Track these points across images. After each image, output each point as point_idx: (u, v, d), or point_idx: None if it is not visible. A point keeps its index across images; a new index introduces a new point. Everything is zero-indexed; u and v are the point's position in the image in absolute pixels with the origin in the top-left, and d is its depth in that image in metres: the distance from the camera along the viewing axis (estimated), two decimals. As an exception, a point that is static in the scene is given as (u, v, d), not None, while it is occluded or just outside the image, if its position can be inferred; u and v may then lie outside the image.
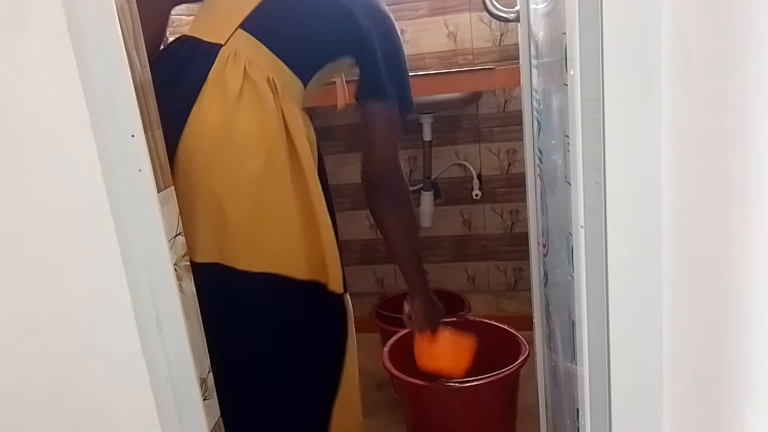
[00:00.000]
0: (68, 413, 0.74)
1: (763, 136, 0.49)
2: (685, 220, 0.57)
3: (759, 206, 0.50)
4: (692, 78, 0.53)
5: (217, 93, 1.01)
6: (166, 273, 0.71)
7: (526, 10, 1.06)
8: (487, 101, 2.07)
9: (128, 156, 0.67)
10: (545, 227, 1.02)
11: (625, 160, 0.57)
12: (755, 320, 0.52)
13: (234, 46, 1.03)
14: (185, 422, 0.75)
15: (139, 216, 0.68)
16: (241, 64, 1.02)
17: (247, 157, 1.00)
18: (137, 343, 0.69)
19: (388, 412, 1.70)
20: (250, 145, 1.00)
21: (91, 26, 0.63)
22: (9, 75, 0.64)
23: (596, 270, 0.62)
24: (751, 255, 0.51)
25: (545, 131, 0.93)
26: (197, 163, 0.98)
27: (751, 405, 0.54)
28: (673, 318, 0.59)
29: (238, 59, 1.02)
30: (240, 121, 1.00)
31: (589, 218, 0.62)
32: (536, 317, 1.21)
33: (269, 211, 1.02)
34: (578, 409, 0.71)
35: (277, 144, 1.01)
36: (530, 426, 1.45)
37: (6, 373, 0.73)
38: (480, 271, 2.25)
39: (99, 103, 0.64)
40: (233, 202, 1.00)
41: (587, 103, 0.59)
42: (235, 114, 0.99)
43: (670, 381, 0.61)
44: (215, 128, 0.99)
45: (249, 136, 1.00)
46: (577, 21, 0.57)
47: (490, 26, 1.99)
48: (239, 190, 1.00)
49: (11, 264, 0.69)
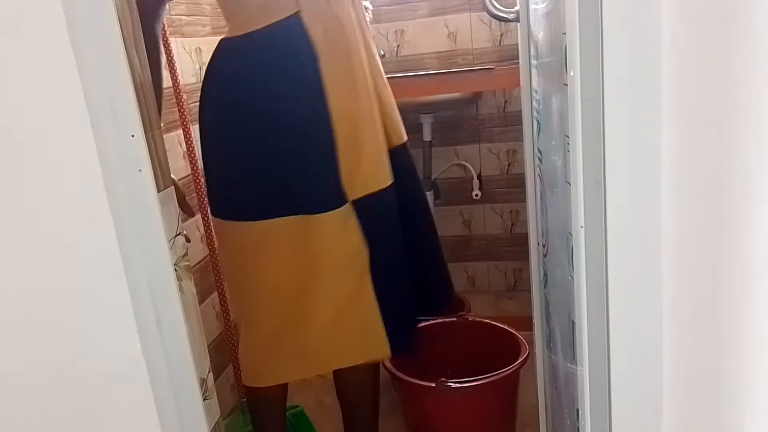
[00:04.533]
0: (68, 413, 0.74)
1: (763, 136, 0.49)
2: (685, 220, 0.57)
3: (759, 206, 0.50)
4: (692, 78, 0.53)
5: (333, 47, 1.08)
6: (166, 273, 0.71)
7: (525, 10, 1.06)
8: (487, 101, 2.07)
9: (128, 156, 0.67)
10: (545, 227, 1.02)
11: (625, 160, 0.57)
12: (755, 320, 0.52)
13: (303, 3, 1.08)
14: (185, 422, 0.75)
15: (139, 216, 0.68)
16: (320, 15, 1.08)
17: (368, 87, 1.13)
18: (137, 344, 0.69)
19: (388, 412, 1.70)
20: (364, 78, 1.13)
21: (91, 26, 0.63)
22: (9, 75, 0.63)
23: (596, 270, 0.62)
24: (752, 255, 0.51)
25: (545, 131, 0.93)
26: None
27: (751, 405, 0.54)
28: (673, 318, 0.59)
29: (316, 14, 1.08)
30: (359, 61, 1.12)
31: (589, 218, 0.62)
32: (536, 318, 1.21)
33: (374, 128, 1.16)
34: (578, 410, 0.71)
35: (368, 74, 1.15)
36: (530, 426, 1.45)
37: (6, 374, 0.73)
38: (480, 271, 2.25)
39: (99, 103, 0.64)
40: (368, 132, 1.14)
41: (587, 103, 0.59)
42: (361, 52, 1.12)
43: (670, 381, 0.61)
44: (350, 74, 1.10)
45: (365, 71, 1.13)
46: (577, 21, 0.57)
47: (490, 26, 1.99)
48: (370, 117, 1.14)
49: (11, 264, 0.69)
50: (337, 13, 1.10)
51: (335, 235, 1.12)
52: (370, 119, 1.13)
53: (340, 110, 1.09)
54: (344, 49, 1.10)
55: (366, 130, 1.13)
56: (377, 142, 1.15)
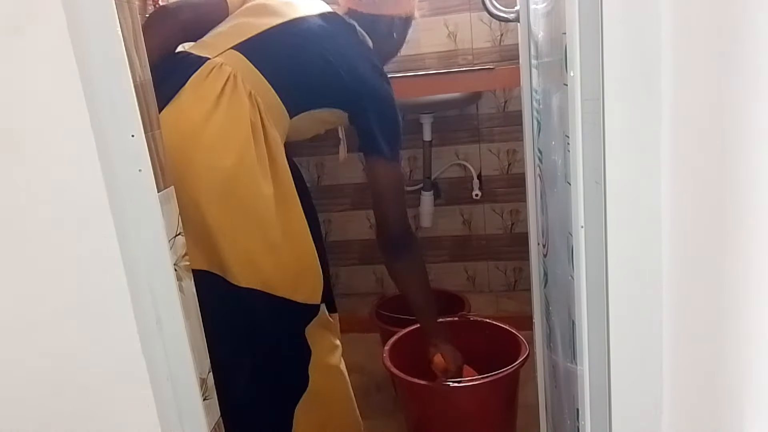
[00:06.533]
0: (68, 413, 0.74)
1: (763, 135, 0.49)
2: (685, 220, 0.57)
3: (759, 206, 0.50)
4: (692, 78, 0.53)
5: (195, 95, 1.01)
6: (166, 273, 0.71)
7: (526, 10, 1.06)
8: (487, 101, 2.07)
9: (128, 156, 0.67)
10: (545, 227, 1.02)
11: (625, 160, 0.57)
12: (755, 320, 0.52)
13: (222, 60, 1.04)
14: (185, 422, 0.75)
15: (139, 216, 0.68)
16: (225, 73, 1.02)
17: (217, 157, 0.99)
18: (137, 343, 0.69)
19: (388, 412, 1.70)
20: (220, 145, 1.00)
21: (91, 26, 0.63)
22: (9, 75, 0.63)
23: (596, 270, 0.62)
24: (751, 255, 0.51)
25: (545, 131, 0.93)
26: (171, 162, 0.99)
27: (750, 405, 0.54)
28: (673, 318, 0.59)
29: (223, 69, 1.03)
30: (213, 121, 1.00)
31: (589, 218, 0.62)
32: (536, 317, 1.21)
33: (243, 214, 1.02)
34: (578, 409, 0.71)
35: (248, 150, 1.01)
36: (530, 426, 1.45)
37: (6, 373, 0.73)
38: (480, 271, 2.25)
39: (99, 103, 0.64)
40: (208, 204, 1.00)
41: (587, 103, 0.59)
42: (211, 115, 1.00)
43: (670, 381, 0.61)
44: (188, 126, 0.99)
45: (220, 136, 1.00)
46: (577, 21, 0.57)
47: (490, 26, 1.99)
48: (209, 192, 1.00)
49: (11, 264, 0.69)
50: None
51: None
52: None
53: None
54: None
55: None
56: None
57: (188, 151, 0.99)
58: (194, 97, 1.01)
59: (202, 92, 1.01)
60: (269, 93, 1.06)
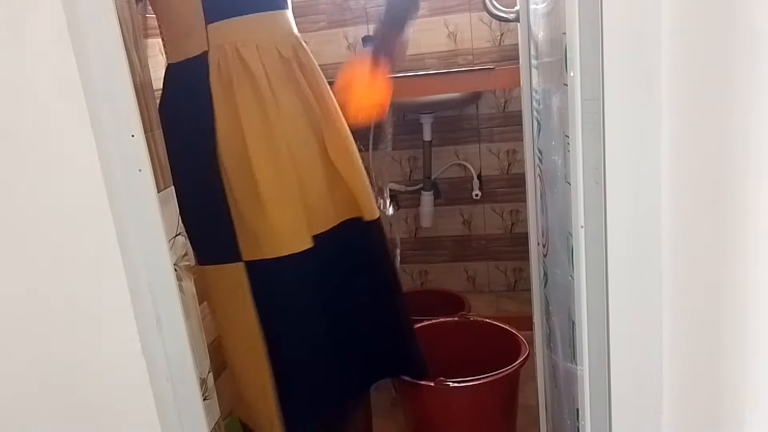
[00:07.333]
0: (68, 413, 0.74)
1: (763, 136, 0.49)
2: (685, 220, 0.57)
3: (759, 206, 0.50)
4: (692, 78, 0.53)
5: (227, 94, 1.01)
6: (166, 273, 0.71)
7: (526, 10, 1.06)
8: (487, 101, 2.07)
9: (128, 156, 0.67)
10: (545, 227, 1.02)
11: (625, 160, 0.57)
12: (755, 320, 0.52)
13: (214, 41, 1.01)
14: (185, 422, 0.75)
15: (139, 216, 0.68)
16: (229, 56, 1.01)
17: (297, 126, 1.06)
18: (137, 343, 0.69)
19: (388, 412, 1.70)
20: (295, 113, 1.06)
21: (91, 26, 0.63)
22: (9, 75, 0.64)
23: (596, 270, 0.62)
24: (751, 254, 0.51)
25: (545, 131, 0.93)
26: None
27: (750, 405, 0.54)
28: (673, 318, 0.59)
29: (225, 54, 1.01)
30: (281, 101, 1.04)
31: (589, 218, 0.62)
32: (536, 317, 1.21)
33: (351, 154, 1.13)
34: (578, 409, 0.71)
35: (312, 106, 1.08)
36: (530, 426, 1.45)
37: (6, 373, 0.73)
38: (480, 271, 2.25)
39: (99, 103, 0.64)
40: (338, 159, 1.09)
41: (587, 103, 0.59)
42: (270, 98, 1.03)
43: (669, 381, 0.61)
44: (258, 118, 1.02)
45: (290, 110, 1.05)
46: (577, 21, 0.57)
47: (490, 26, 1.99)
48: (338, 149, 1.09)
49: (11, 264, 0.69)
50: (259, 58, 1.02)
51: (222, 290, 1.10)
52: (286, 173, 1.03)
53: (235, 161, 1.01)
54: (258, 99, 1.01)
55: (276, 186, 1.02)
56: (294, 202, 1.05)
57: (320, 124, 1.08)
58: (228, 97, 1.02)
59: (231, 86, 1.02)
60: (269, 18, 1.06)
